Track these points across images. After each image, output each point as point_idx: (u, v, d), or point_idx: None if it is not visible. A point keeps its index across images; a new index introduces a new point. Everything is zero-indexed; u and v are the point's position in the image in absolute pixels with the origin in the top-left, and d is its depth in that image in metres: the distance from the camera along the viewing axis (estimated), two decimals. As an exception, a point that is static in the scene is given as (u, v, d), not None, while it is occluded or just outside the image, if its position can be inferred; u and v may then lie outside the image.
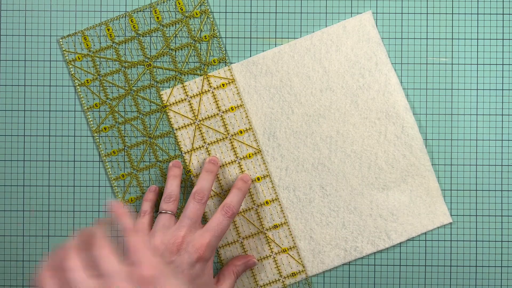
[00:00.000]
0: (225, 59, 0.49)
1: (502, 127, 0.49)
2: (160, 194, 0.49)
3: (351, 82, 0.48)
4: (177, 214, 0.48)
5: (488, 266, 0.49)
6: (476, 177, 0.49)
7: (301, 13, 0.49)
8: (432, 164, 0.48)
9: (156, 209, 0.48)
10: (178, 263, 0.41)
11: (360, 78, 0.48)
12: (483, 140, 0.49)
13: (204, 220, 0.49)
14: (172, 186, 0.46)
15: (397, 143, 0.48)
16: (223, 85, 0.49)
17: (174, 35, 0.48)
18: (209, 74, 0.49)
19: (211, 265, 0.44)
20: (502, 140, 0.49)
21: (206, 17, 0.48)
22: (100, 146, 0.49)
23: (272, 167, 0.49)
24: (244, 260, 0.47)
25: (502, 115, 0.49)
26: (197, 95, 0.49)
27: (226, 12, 0.49)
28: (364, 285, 0.49)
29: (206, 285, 0.42)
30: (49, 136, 0.49)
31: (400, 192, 0.48)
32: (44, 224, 0.49)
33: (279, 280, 0.49)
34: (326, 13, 0.49)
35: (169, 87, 0.49)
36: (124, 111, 0.49)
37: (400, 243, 0.49)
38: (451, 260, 0.49)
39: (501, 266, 0.49)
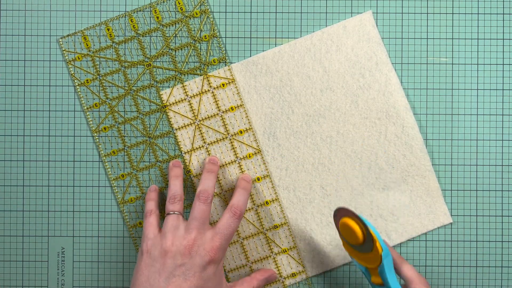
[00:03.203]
0: (225, 59, 0.49)
1: (502, 127, 0.49)
2: (161, 194, 0.49)
3: (351, 82, 0.48)
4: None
5: (488, 266, 0.49)
6: (476, 177, 0.49)
7: (301, 13, 0.49)
8: (432, 164, 0.48)
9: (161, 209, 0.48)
10: (189, 266, 0.41)
11: (360, 78, 0.48)
12: (483, 140, 0.49)
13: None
14: (176, 186, 0.46)
15: (397, 143, 0.48)
16: (223, 85, 0.48)
17: (174, 35, 0.48)
18: (209, 74, 0.49)
19: (221, 268, 0.44)
20: (502, 140, 0.49)
21: (206, 17, 0.48)
22: (100, 146, 0.49)
23: (272, 167, 0.49)
24: (267, 274, 0.47)
25: (502, 115, 0.49)
26: (197, 95, 0.49)
27: (226, 12, 0.49)
28: (365, 285, 0.49)
29: (217, 287, 0.43)
30: (49, 136, 0.49)
31: (401, 192, 0.48)
32: (44, 224, 0.49)
33: (279, 280, 0.49)
34: (326, 13, 0.49)
35: (169, 87, 0.49)
36: (124, 111, 0.49)
37: (400, 243, 0.49)
38: (451, 260, 0.49)
39: (501, 266, 0.49)
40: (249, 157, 0.49)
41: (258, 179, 0.49)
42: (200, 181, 0.46)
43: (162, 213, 0.49)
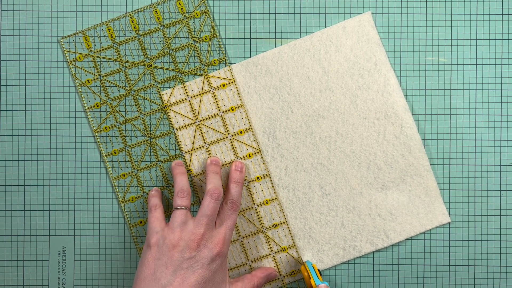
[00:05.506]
0: (225, 59, 0.49)
1: (501, 127, 0.49)
2: (162, 194, 0.49)
3: (350, 83, 0.49)
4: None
5: (487, 266, 0.49)
6: (475, 177, 0.49)
7: (301, 13, 0.49)
8: (430, 164, 0.49)
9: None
10: (198, 258, 0.42)
11: (359, 78, 0.48)
12: (482, 140, 0.49)
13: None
14: (182, 181, 0.46)
15: (396, 143, 0.48)
16: (223, 85, 0.49)
17: (174, 36, 0.49)
18: (209, 74, 0.49)
19: (226, 262, 0.44)
20: (501, 140, 0.49)
21: (206, 17, 0.49)
22: (101, 145, 0.49)
23: (271, 167, 0.49)
24: (267, 272, 0.48)
25: (501, 115, 0.49)
26: (197, 95, 0.49)
27: (226, 13, 0.49)
28: (363, 284, 0.49)
29: (222, 280, 0.44)
30: (50, 136, 0.49)
31: (399, 192, 0.49)
32: (45, 224, 0.49)
33: (278, 278, 0.49)
34: (325, 13, 0.49)
35: (169, 87, 0.49)
36: (125, 111, 0.49)
37: (398, 242, 0.49)
38: (449, 259, 0.49)
39: (500, 266, 0.49)
40: (249, 157, 0.49)
41: (258, 178, 0.49)
42: (207, 181, 0.46)
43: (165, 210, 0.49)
